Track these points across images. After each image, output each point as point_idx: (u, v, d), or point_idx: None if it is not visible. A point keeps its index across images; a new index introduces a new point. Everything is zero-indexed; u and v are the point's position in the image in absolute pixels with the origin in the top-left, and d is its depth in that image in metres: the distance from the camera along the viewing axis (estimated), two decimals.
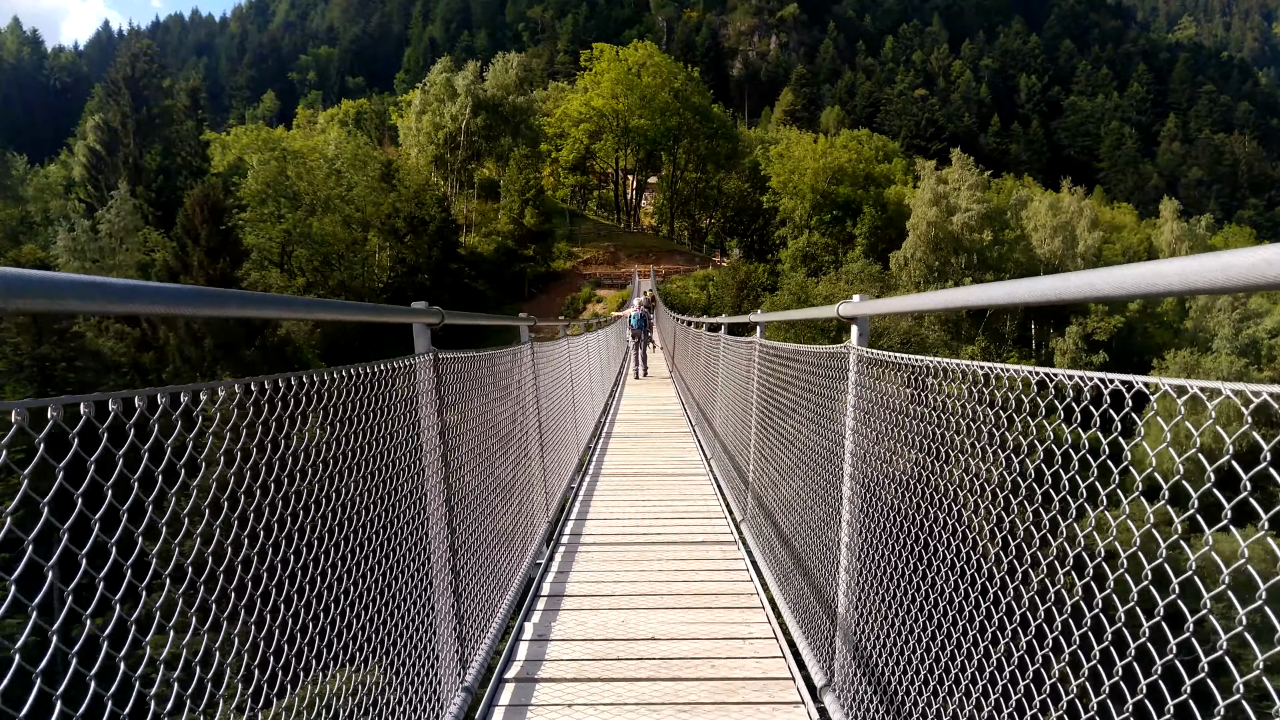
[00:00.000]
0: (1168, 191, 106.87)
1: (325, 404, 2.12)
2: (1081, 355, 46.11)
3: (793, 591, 4.29)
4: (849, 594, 3.18)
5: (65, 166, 56.31)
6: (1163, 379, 1.41)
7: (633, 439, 11.10)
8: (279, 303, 2.76)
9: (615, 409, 14.14)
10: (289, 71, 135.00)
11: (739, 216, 68.54)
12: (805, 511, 4.10)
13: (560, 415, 8.07)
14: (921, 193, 51.22)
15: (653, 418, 13.45)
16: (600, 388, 13.68)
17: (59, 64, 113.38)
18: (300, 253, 44.09)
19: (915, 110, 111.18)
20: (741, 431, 6.79)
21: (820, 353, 3.86)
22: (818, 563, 3.75)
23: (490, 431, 4.41)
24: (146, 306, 1.36)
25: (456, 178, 63.01)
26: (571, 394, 9.20)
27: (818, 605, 3.71)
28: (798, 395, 4.43)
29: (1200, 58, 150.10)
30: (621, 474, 8.82)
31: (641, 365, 19.08)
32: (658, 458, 9.84)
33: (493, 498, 4.32)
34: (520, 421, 5.54)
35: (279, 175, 45.18)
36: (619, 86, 65.75)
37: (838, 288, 43.65)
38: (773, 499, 5.11)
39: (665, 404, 14.91)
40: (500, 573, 4.32)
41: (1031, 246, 51.95)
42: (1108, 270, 1.39)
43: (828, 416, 3.65)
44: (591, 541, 6.23)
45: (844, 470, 3.27)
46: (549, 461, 6.73)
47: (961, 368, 2.20)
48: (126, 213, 40.21)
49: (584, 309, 51.88)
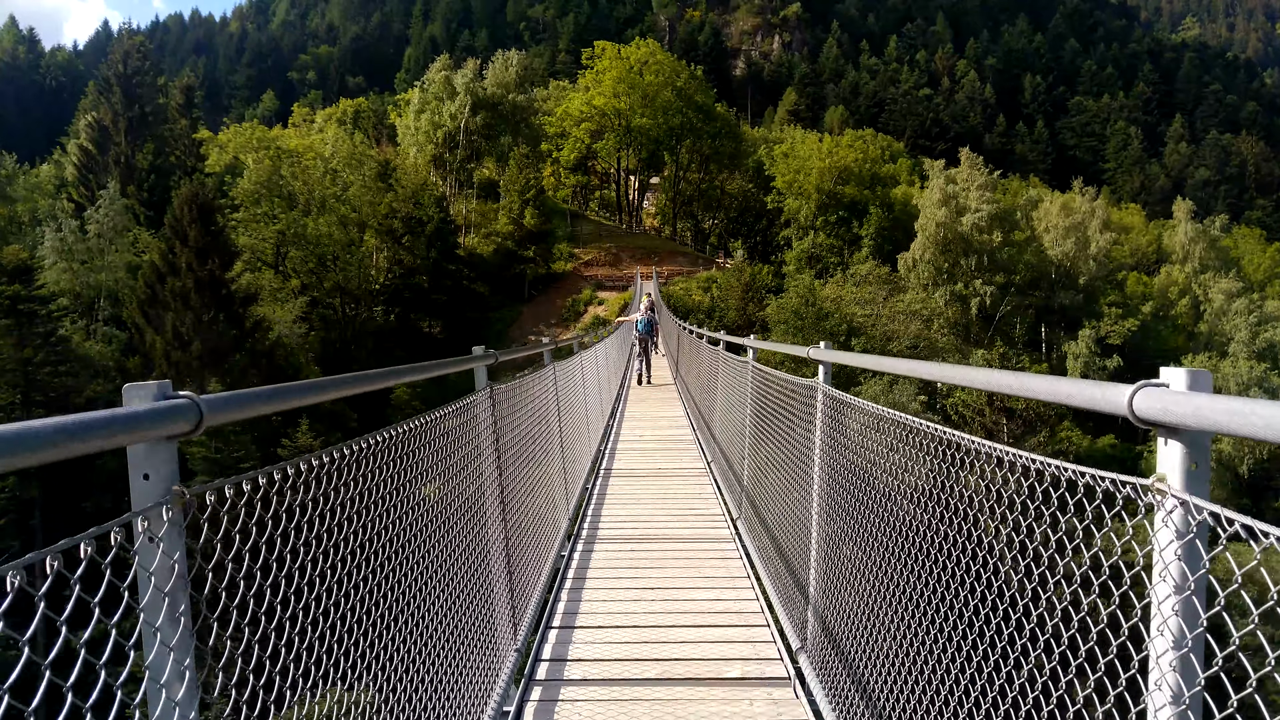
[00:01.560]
0: (1175, 192, 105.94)
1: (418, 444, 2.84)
2: (1095, 360, 44.99)
3: (777, 577, 5.12)
4: (818, 580, 4.00)
5: (58, 166, 55.34)
6: None
7: (638, 453, 11.26)
8: (358, 380, 2.38)
9: (621, 413, 14.67)
10: (289, 71, 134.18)
11: (743, 217, 67.54)
12: (787, 512, 4.88)
13: (576, 424, 8.73)
14: (930, 193, 50.11)
15: (657, 422, 13.87)
16: (608, 394, 14.32)
17: (55, 63, 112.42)
18: (295, 254, 43.04)
19: (920, 110, 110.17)
20: (737, 439, 7.49)
21: (799, 383, 4.58)
22: (796, 555, 4.49)
23: (526, 443, 5.34)
24: None
25: (455, 178, 61.96)
26: (585, 405, 9.84)
27: (795, 588, 4.51)
28: (780, 414, 5.23)
29: (1206, 57, 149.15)
30: (630, 475, 9.49)
31: (646, 371, 19.30)
32: (662, 461, 10.44)
33: (530, 498, 5.28)
34: (546, 432, 6.46)
35: (273, 174, 44.15)
36: (621, 85, 64.71)
37: (845, 290, 42.60)
38: (762, 501, 5.89)
39: (669, 405, 15.45)
40: (537, 561, 5.31)
41: (1043, 248, 50.82)
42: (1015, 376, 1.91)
43: (804, 435, 4.31)
44: (606, 536, 6.97)
45: (814, 482, 4.02)
46: (568, 465, 7.49)
47: (895, 418, 2.76)
48: (116, 213, 39.22)
49: (585, 311, 50.88)
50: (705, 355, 11.69)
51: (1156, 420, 1.38)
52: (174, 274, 30.71)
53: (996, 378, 2.06)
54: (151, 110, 50.67)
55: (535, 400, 5.96)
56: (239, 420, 1.68)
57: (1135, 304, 50.23)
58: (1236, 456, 38.64)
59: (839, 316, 38.01)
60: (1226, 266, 55.66)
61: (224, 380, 28.58)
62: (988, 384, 2.16)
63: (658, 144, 67.08)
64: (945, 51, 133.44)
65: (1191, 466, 1.38)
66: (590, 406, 10.42)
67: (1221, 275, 52.95)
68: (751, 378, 6.69)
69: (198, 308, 30.10)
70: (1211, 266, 54.53)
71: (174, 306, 30.12)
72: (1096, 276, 50.12)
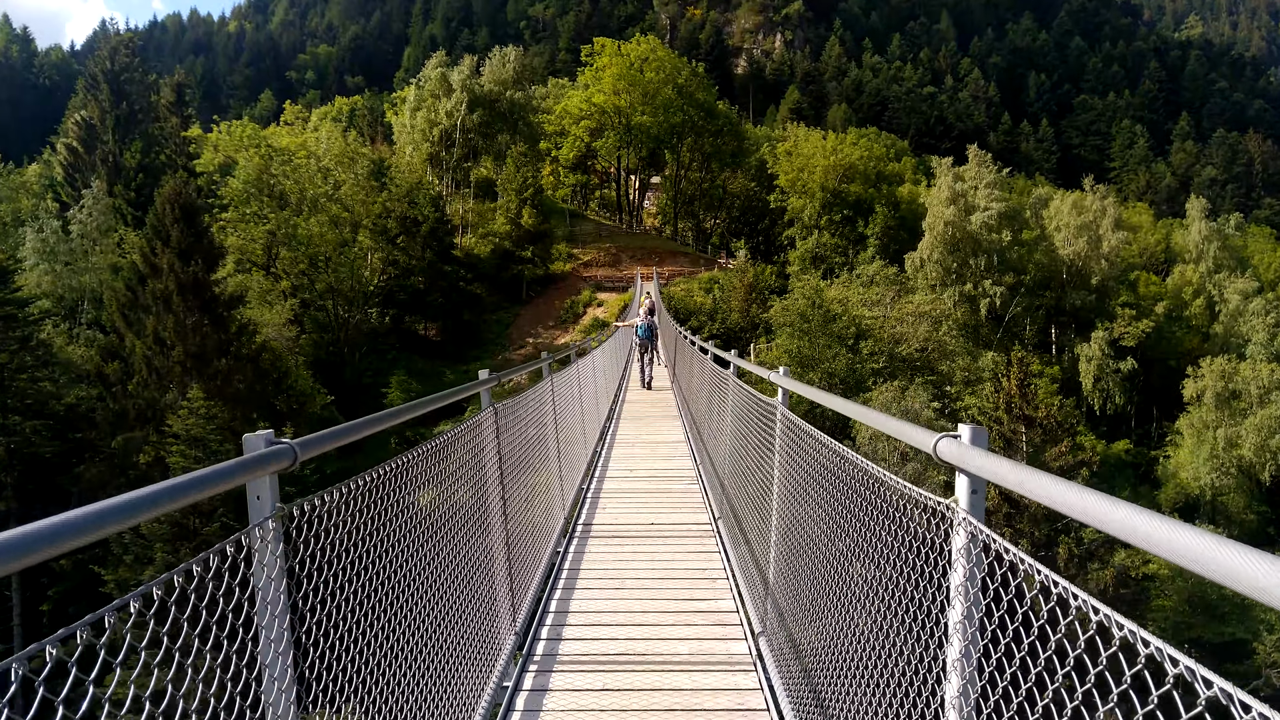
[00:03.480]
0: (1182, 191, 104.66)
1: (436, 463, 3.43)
2: (1109, 362, 43.71)
3: (746, 571, 5.60)
4: (775, 573, 4.58)
5: (47, 166, 54.25)
6: None
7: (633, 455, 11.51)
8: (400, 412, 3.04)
9: (618, 416, 15.02)
10: (287, 71, 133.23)
11: (745, 216, 66.32)
12: (754, 513, 5.34)
13: (572, 429, 9.18)
14: (938, 191, 48.84)
15: (652, 426, 14.11)
16: (605, 399, 14.68)
17: (49, 62, 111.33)
18: (285, 255, 41.86)
19: (924, 108, 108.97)
20: (721, 445, 7.96)
21: (765, 401, 5.12)
22: (759, 550, 5.08)
23: (525, 450, 5.81)
24: None
25: (452, 177, 60.76)
26: (581, 411, 10.18)
27: (759, 579, 5.07)
28: (752, 424, 5.71)
29: (1212, 55, 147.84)
30: (623, 477, 9.83)
31: (645, 376, 19.25)
32: (655, 463, 10.78)
33: (529, 498, 5.81)
34: (543, 438, 6.91)
35: (263, 173, 42.97)
36: (621, 82, 63.50)
37: (851, 290, 41.36)
38: (738, 502, 6.34)
39: (665, 410, 15.81)
40: (534, 554, 5.77)
41: (1054, 247, 49.51)
42: None
43: (768, 446, 4.88)
44: (599, 533, 7.40)
45: (774, 490, 4.64)
46: (564, 468, 7.93)
47: (821, 439, 3.41)
48: (100, 212, 38.11)
49: (584, 312, 49.68)
50: (696, 363, 12.22)
51: (951, 463, 1.98)
52: (155, 275, 29.49)
53: (863, 412, 3.06)
54: (141, 108, 49.59)
55: (534, 413, 6.47)
56: (324, 453, 2.27)
57: (1148, 304, 48.96)
58: (1258, 464, 37.39)
59: (847, 319, 36.76)
60: (1241, 266, 54.33)
61: (207, 386, 27.36)
62: (860, 416, 3.12)
63: (658, 142, 65.87)
64: (949, 49, 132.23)
65: (973, 494, 1.93)
66: (586, 412, 10.85)
67: (1236, 275, 51.63)
68: (733, 390, 7.12)
69: (180, 310, 28.90)
70: (1226, 266, 53.19)
71: (155, 309, 28.93)
72: (1109, 276, 48.82)
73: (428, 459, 3.21)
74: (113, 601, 1.38)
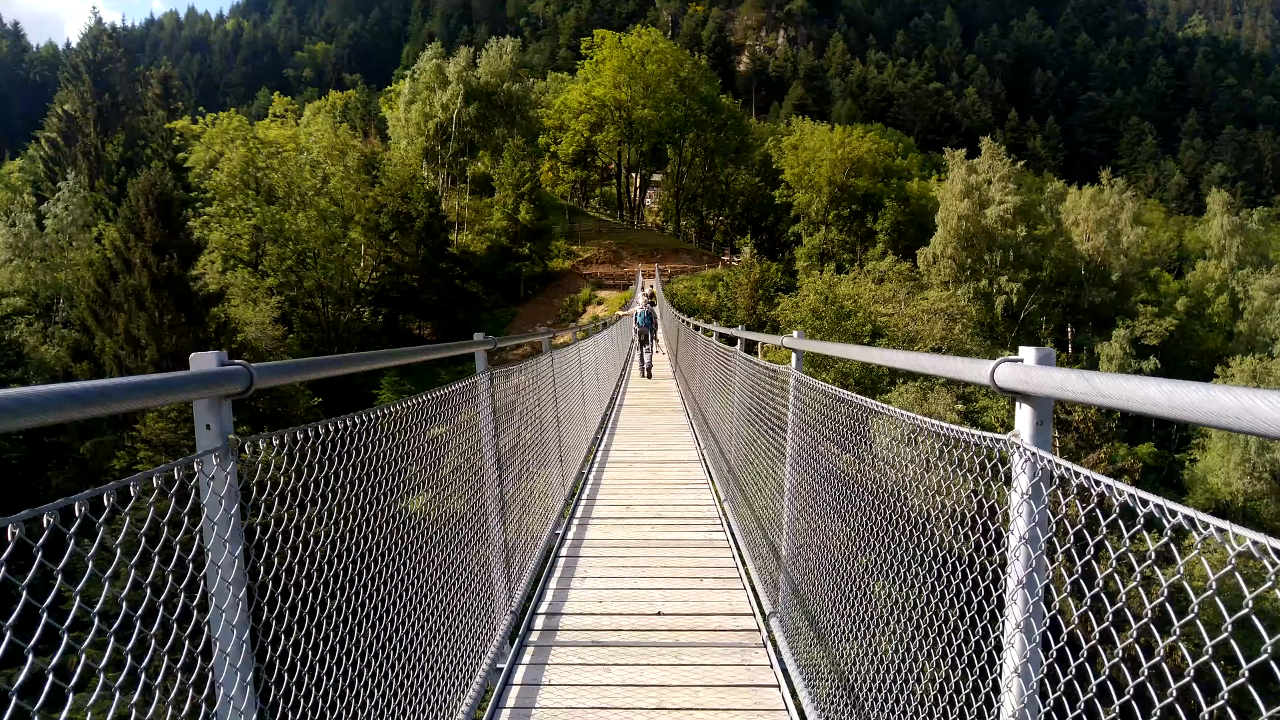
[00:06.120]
0: (1191, 188, 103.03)
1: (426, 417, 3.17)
2: (1131, 362, 41.91)
3: (755, 549, 5.58)
4: (789, 549, 4.34)
5: (31, 161, 52.53)
6: None
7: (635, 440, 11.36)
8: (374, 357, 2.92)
9: (620, 402, 15.04)
10: (285, 69, 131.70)
11: (749, 213, 64.56)
12: (765, 488, 5.30)
13: (573, 409, 8.88)
14: (951, 184, 47.05)
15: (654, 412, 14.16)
16: (607, 381, 14.64)
17: (39, 58, 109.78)
18: (272, 251, 40.11)
19: (930, 104, 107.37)
20: (725, 424, 7.91)
21: (775, 369, 5.08)
22: (771, 527, 4.97)
23: (524, 423, 5.85)
24: None
25: (448, 172, 58.98)
26: (582, 392, 10.04)
27: (771, 556, 4.90)
28: (760, 397, 5.71)
29: (1219, 51, 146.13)
30: (625, 461, 9.63)
31: (645, 365, 19.02)
32: (657, 447, 10.56)
33: (526, 479, 5.74)
34: (541, 415, 6.79)
35: (248, 165, 41.22)
36: (621, 75, 61.72)
37: (863, 286, 39.61)
38: (746, 479, 6.39)
39: (667, 397, 15.88)
40: (532, 534, 5.76)
41: (1071, 242, 47.69)
42: None
43: (779, 415, 4.69)
44: (599, 515, 7.28)
45: (786, 460, 4.39)
46: (565, 449, 7.80)
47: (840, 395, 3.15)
48: (77, 206, 36.38)
49: (584, 311, 47.94)
50: (700, 347, 12.11)
51: (1012, 388, 1.66)
52: (128, 271, 27.78)
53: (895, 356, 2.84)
54: (125, 100, 47.83)
55: (532, 383, 6.29)
56: (283, 385, 2.83)
57: (1169, 302, 47.15)
58: None
59: (862, 315, 35.03)
60: (1266, 263, 52.45)
61: None
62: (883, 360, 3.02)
63: (660, 137, 64.09)
64: (954, 46, 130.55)
65: (1038, 425, 1.67)
66: (588, 394, 10.72)
67: (1261, 271, 49.78)
68: (739, 365, 7.04)
69: (153, 308, 27.20)
70: (1249, 262, 51.37)
71: (127, 307, 27.22)
72: (1129, 272, 47.02)
73: (418, 412, 3.06)
74: None
